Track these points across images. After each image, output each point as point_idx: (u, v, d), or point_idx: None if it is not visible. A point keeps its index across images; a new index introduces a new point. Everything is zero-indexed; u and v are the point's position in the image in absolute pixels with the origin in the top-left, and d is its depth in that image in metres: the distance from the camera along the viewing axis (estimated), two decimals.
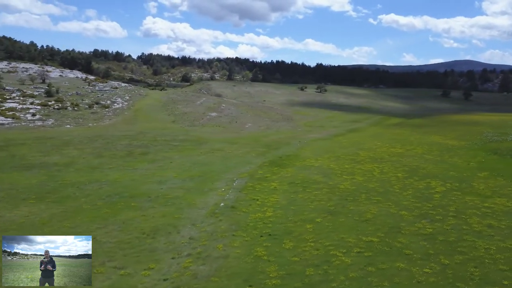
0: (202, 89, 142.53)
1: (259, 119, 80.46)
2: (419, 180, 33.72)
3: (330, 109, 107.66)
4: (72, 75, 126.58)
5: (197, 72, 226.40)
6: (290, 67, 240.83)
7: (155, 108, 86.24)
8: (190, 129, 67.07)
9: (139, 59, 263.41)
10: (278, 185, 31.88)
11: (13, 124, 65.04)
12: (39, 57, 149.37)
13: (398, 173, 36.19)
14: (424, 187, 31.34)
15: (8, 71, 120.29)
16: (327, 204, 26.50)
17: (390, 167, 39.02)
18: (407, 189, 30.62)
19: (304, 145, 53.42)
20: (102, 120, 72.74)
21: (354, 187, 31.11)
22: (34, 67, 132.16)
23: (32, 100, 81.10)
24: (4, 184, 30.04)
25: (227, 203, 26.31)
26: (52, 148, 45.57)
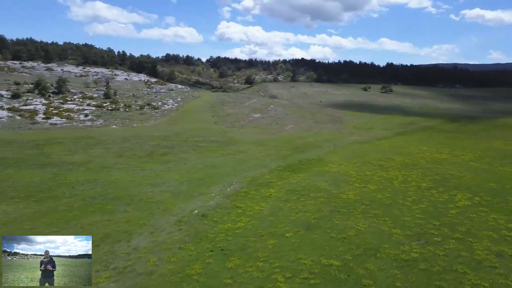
0: (259, 90, 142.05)
1: (303, 120, 77.22)
2: (443, 191, 28.94)
3: (389, 111, 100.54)
4: (136, 78, 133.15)
5: (261, 74, 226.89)
6: (357, 67, 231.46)
7: (203, 109, 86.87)
8: (228, 130, 66.13)
9: (208, 62, 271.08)
10: (275, 191, 29.26)
11: (65, 124, 69.20)
12: (111, 62, 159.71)
13: (423, 183, 31.51)
14: (444, 201, 26.68)
15: (81, 75, 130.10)
16: (312, 216, 23.42)
17: (418, 175, 34.28)
18: (421, 202, 26.26)
19: (337, 149, 49.64)
20: (148, 121, 74.71)
21: (358, 197, 27.44)
22: (105, 71, 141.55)
23: (89, 101, 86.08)
24: (8, 181, 31.12)
25: (203, 210, 24.42)
26: (81, 147, 47.13)
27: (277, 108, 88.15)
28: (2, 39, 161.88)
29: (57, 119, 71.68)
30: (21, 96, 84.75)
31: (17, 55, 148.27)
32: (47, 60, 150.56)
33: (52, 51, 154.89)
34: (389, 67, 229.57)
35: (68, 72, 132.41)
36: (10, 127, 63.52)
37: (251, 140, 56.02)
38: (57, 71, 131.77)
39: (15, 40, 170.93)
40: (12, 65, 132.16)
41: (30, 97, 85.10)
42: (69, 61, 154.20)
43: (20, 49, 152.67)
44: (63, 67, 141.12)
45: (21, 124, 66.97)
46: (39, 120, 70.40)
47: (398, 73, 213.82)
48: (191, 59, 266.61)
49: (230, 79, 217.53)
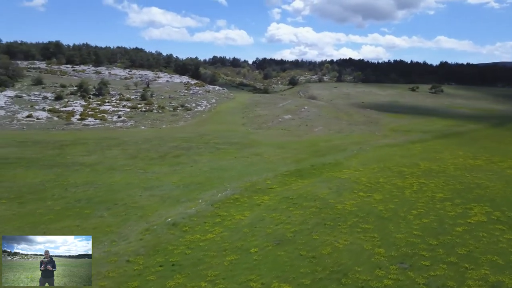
0: (300, 91, 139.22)
1: (336, 121, 73.72)
2: (459, 204, 25.32)
3: (435, 112, 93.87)
4: (178, 80, 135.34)
5: (306, 75, 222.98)
6: (408, 66, 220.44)
7: (234, 110, 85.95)
8: (253, 132, 64.50)
9: (254, 64, 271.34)
10: (268, 199, 27.16)
11: (97, 125, 71.12)
12: (157, 64, 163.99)
13: (439, 193, 27.91)
14: (455, 215, 23.19)
15: (125, 77, 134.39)
16: (291, 229, 21.11)
17: (438, 183, 30.59)
18: (426, 216, 23.00)
19: (361, 152, 46.31)
20: (177, 122, 74.96)
21: (355, 208, 24.63)
22: (149, 74, 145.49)
23: (125, 103, 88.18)
24: (9, 181, 31.57)
25: (178, 218, 22.89)
26: (101, 148, 47.62)
27: (311, 109, 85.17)
28: (59, 44, 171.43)
29: (91, 120, 73.89)
30: (63, 98, 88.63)
31: (71, 59, 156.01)
32: (97, 63, 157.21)
33: (102, 55, 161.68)
34: (443, 66, 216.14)
35: (115, 75, 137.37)
36: (45, 128, 66.20)
37: (272, 142, 53.97)
38: (105, 74, 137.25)
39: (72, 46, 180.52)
40: (64, 69, 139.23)
41: (72, 99, 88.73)
42: (117, 64, 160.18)
43: (73, 54, 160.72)
44: (111, 70, 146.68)
45: (56, 124, 69.67)
46: (74, 121, 72.94)
47: (452, 72, 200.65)
48: (237, 61, 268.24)
49: (274, 80, 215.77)
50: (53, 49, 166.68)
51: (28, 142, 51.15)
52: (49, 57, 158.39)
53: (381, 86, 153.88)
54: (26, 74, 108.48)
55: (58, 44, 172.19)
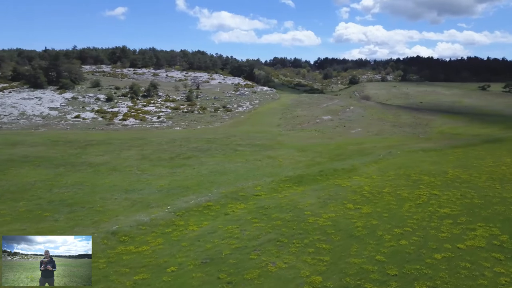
0: (355, 91, 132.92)
1: (379, 123, 68.21)
2: (462, 223, 20.88)
3: (498, 114, 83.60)
4: (230, 81, 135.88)
5: (369, 74, 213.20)
6: (483, 63, 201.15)
7: (275, 111, 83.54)
8: (284, 133, 61.72)
9: (315, 64, 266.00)
10: (242, 208, 24.66)
11: (136, 125, 72.86)
12: (213, 66, 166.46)
13: (445, 208, 23.42)
14: (446, 237, 18.97)
15: (180, 79, 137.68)
16: (234, 245, 18.45)
17: (452, 196, 25.91)
18: (407, 237, 19.07)
19: (386, 157, 41.67)
20: (213, 123, 74.40)
21: (329, 223, 21.25)
22: (204, 76, 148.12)
23: (169, 104, 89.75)
24: (7, 179, 32.31)
25: (126, 226, 21.21)
26: (120, 149, 48.08)
27: (356, 110, 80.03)
28: (124, 49, 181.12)
29: (131, 120, 75.98)
30: (113, 99, 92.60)
31: (134, 63, 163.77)
32: (157, 66, 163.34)
33: (162, 58, 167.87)
34: None
35: (171, 77, 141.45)
36: (86, 128, 69.12)
37: (296, 145, 50.90)
38: (162, 76, 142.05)
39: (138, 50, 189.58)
40: (126, 72, 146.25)
41: (121, 100, 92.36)
42: (175, 67, 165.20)
43: (136, 58, 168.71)
44: (169, 72, 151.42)
45: (98, 125, 72.51)
46: (115, 121, 75.48)
47: None
48: (298, 61, 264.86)
49: (334, 80, 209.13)
50: (119, 53, 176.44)
51: (60, 141, 53.25)
52: (115, 61, 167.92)
53: (448, 85, 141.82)
54: (87, 77, 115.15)
55: (124, 49, 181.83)
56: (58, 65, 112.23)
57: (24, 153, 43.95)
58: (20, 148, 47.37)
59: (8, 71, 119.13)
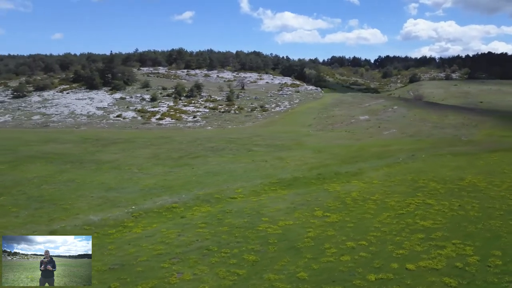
0: (410, 90, 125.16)
1: (418, 124, 62.90)
2: (435, 239, 17.87)
3: None
4: (277, 81, 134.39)
5: (432, 73, 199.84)
6: None
7: (312, 110, 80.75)
8: (312, 134, 59.21)
9: (375, 63, 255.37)
10: (203, 211, 23.41)
11: (170, 124, 74.27)
12: (264, 67, 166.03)
13: (428, 221, 20.33)
14: (400, 256, 16.20)
15: (229, 79, 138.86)
16: (157, 251, 17.20)
17: (447, 207, 22.57)
18: (354, 253, 16.57)
19: (405, 160, 38.02)
20: (245, 123, 73.62)
21: (279, 231, 19.26)
22: (253, 76, 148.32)
23: (209, 104, 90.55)
24: (7, 174, 33.88)
25: (71, 226, 20.87)
26: (137, 147, 48.99)
27: (400, 110, 74.77)
28: (180, 51, 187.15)
29: (167, 120, 77.60)
30: (157, 99, 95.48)
31: (188, 64, 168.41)
32: (210, 67, 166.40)
33: (215, 59, 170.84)
34: None
35: (221, 78, 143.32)
36: (122, 127, 71.73)
37: (315, 146, 48.45)
38: (212, 77, 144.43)
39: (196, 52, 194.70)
40: (179, 73, 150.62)
41: (164, 100, 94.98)
42: (227, 68, 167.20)
43: (191, 59, 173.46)
44: (220, 73, 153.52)
45: (135, 124, 74.95)
46: (152, 120, 77.55)
47: None
48: (358, 60, 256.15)
49: (393, 79, 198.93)
50: (176, 55, 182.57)
51: (90, 139, 55.56)
52: (171, 63, 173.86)
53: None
54: (139, 79, 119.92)
55: (180, 51, 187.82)
56: (112, 67, 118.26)
57: (48, 150, 46.24)
58: (49, 145, 50.01)
59: (71, 74, 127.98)
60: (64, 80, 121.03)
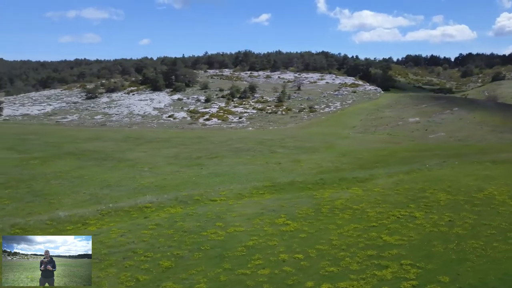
0: (486, 90, 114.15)
1: (474, 127, 56.60)
2: (384, 258, 15.59)
3: None
4: (338, 81, 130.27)
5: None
6: None
7: (361, 111, 76.81)
8: (350, 136, 56.29)
9: (456, 61, 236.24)
10: (170, 213, 23.03)
11: (214, 125, 75.48)
12: (328, 67, 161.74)
13: (393, 237, 17.85)
14: (326, 274, 14.40)
15: (288, 81, 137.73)
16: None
17: (429, 223, 19.74)
18: (268, 268, 15.09)
19: (431, 167, 34.36)
20: (287, 124, 72.28)
21: (219, 238, 18.17)
22: (314, 76, 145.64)
23: (258, 105, 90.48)
24: (34, 169, 36.58)
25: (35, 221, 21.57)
26: (166, 146, 50.36)
27: (458, 112, 68.13)
28: (247, 53, 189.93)
29: (214, 120, 78.98)
30: (211, 101, 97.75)
31: (252, 66, 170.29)
32: (274, 68, 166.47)
33: (279, 60, 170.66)
34: None
35: (282, 79, 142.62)
36: (170, 126, 74.45)
37: (343, 149, 45.94)
38: (273, 78, 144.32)
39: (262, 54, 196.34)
40: (242, 75, 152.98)
41: (218, 101, 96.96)
42: (290, 69, 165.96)
43: (255, 61, 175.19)
44: (282, 74, 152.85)
45: (182, 124, 77.35)
46: (200, 121, 79.48)
47: None
48: (436, 58, 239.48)
49: (473, 78, 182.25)
50: (242, 57, 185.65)
51: (131, 138, 58.39)
52: (237, 65, 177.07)
53: None
54: (199, 80, 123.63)
55: (246, 53, 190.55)
56: (176, 69, 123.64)
57: (86, 147, 49.34)
58: (92, 143, 53.37)
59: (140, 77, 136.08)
60: (133, 82, 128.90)
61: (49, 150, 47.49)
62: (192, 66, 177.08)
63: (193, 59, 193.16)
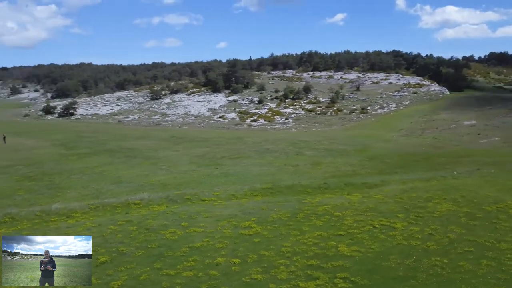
0: None
1: None
2: (316, 268, 14.61)
3: None
4: (403, 81, 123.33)
5: None
6: None
7: (414, 113, 71.90)
8: (391, 139, 53.07)
9: None
10: (151, 211, 23.46)
11: (259, 126, 75.64)
12: (397, 66, 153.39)
13: (351, 248, 16.55)
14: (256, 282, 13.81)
15: (349, 80, 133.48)
16: None
17: (402, 235, 17.97)
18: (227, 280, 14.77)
19: (460, 175, 31.23)
20: (332, 126, 70.13)
21: (172, 238, 18.19)
22: (379, 76, 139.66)
23: (308, 106, 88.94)
24: (70, 165, 39.57)
25: (25, 211, 23.29)
26: (199, 146, 51.47)
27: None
28: (311, 54, 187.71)
29: (260, 121, 79.22)
30: (263, 102, 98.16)
31: (316, 66, 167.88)
32: (338, 69, 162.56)
33: (343, 60, 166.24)
34: None
35: (344, 79, 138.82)
36: (216, 127, 76.19)
37: (374, 153, 43.54)
38: (335, 78, 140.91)
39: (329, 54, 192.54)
40: (304, 76, 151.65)
41: (269, 102, 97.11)
42: (355, 68, 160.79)
43: (319, 61, 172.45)
44: (345, 75, 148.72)
45: (229, 125, 78.61)
46: (247, 122, 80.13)
47: None
48: None
49: None
50: (306, 58, 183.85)
51: (174, 138, 60.74)
52: (301, 65, 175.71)
53: None
54: (257, 82, 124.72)
55: (311, 54, 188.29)
56: (235, 71, 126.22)
57: (127, 145, 52.29)
58: (137, 141, 56.42)
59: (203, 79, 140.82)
60: (196, 84, 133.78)
61: (94, 147, 51.09)
62: (256, 67, 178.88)
63: (258, 61, 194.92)
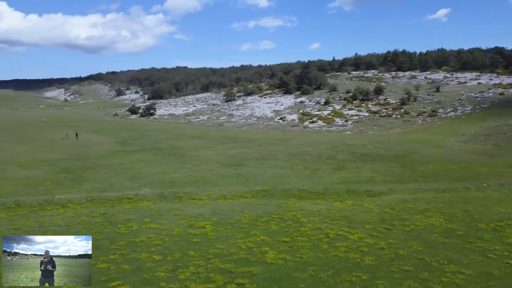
0: None
1: None
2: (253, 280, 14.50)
3: None
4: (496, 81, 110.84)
5: None
6: None
7: (487, 118, 64.08)
8: (448, 145, 48.22)
9: None
10: (138, 206, 24.85)
11: (315, 127, 74.16)
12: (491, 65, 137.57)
13: (308, 258, 16.11)
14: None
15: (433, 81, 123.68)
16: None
17: (373, 249, 16.99)
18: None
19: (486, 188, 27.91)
20: (390, 129, 66.03)
21: (126, 232, 19.21)
22: (469, 76, 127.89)
23: (374, 107, 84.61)
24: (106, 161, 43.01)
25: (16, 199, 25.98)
26: (240, 147, 51.98)
27: None
28: (396, 53, 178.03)
29: (318, 123, 77.74)
30: (329, 103, 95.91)
31: (399, 66, 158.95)
32: (424, 68, 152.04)
33: (430, 59, 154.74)
34: None
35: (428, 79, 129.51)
36: (272, 128, 76.67)
37: (414, 160, 40.17)
38: (419, 79, 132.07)
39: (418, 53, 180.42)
40: (384, 76, 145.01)
41: (335, 104, 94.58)
42: (443, 68, 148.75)
43: (403, 61, 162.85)
44: (431, 74, 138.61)
45: (285, 126, 78.36)
46: (304, 123, 79.06)
47: None
48: None
49: None
50: (390, 57, 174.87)
51: (225, 138, 62.43)
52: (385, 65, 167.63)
53: None
54: (329, 83, 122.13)
55: (396, 53, 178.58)
56: (308, 72, 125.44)
57: (176, 144, 55.06)
58: (187, 141, 59.15)
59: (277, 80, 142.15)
60: (271, 86, 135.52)
61: (146, 144, 54.80)
62: (338, 68, 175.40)
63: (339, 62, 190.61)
